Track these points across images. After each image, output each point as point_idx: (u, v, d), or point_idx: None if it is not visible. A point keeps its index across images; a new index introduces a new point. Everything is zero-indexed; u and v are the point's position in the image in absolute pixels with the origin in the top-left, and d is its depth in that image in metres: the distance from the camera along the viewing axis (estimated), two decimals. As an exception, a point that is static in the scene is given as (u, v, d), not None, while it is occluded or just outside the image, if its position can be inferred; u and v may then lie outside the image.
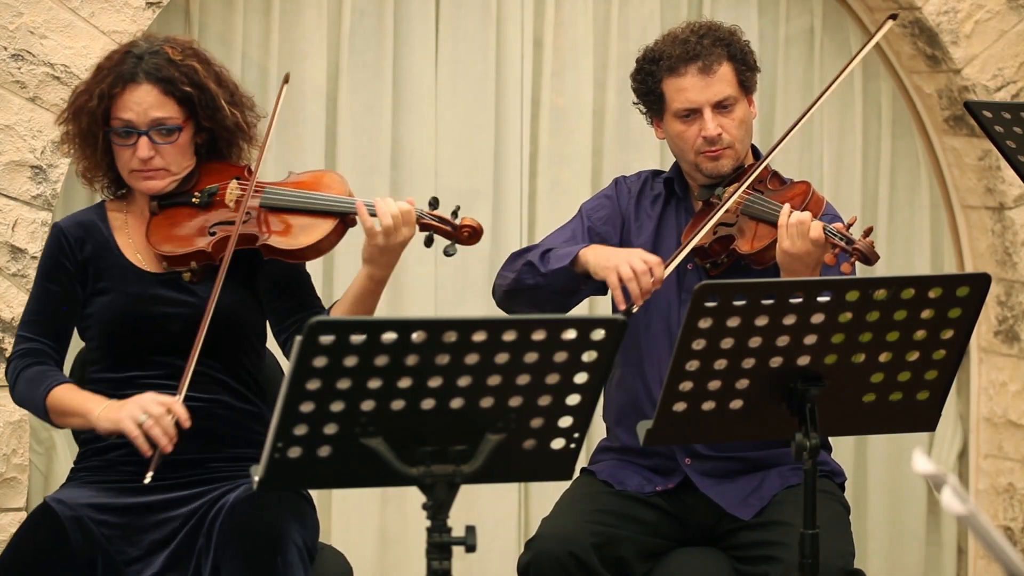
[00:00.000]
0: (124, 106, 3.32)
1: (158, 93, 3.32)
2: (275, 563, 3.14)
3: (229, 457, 3.31)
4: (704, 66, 3.59)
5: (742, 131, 3.62)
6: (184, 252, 3.34)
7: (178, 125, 3.34)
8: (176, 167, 3.37)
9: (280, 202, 3.37)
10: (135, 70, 3.32)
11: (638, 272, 3.44)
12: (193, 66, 3.36)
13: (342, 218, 3.35)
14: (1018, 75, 5.03)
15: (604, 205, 3.73)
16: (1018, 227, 5.07)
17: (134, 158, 3.33)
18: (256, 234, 3.34)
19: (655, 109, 3.68)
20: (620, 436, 3.67)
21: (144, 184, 3.36)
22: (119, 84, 3.32)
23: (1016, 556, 1.97)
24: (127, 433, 3.16)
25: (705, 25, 3.66)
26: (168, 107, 3.33)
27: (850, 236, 3.35)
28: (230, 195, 3.38)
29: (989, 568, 5.17)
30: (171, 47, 3.37)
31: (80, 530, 3.22)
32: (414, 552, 4.75)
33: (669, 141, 3.68)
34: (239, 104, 3.43)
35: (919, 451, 2.00)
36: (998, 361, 5.19)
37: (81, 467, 3.38)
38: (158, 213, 3.39)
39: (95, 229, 3.40)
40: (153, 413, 3.16)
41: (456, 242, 3.34)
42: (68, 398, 3.29)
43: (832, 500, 3.55)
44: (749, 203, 3.54)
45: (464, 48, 4.84)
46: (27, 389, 3.34)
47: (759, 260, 3.51)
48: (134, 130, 3.32)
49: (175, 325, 3.31)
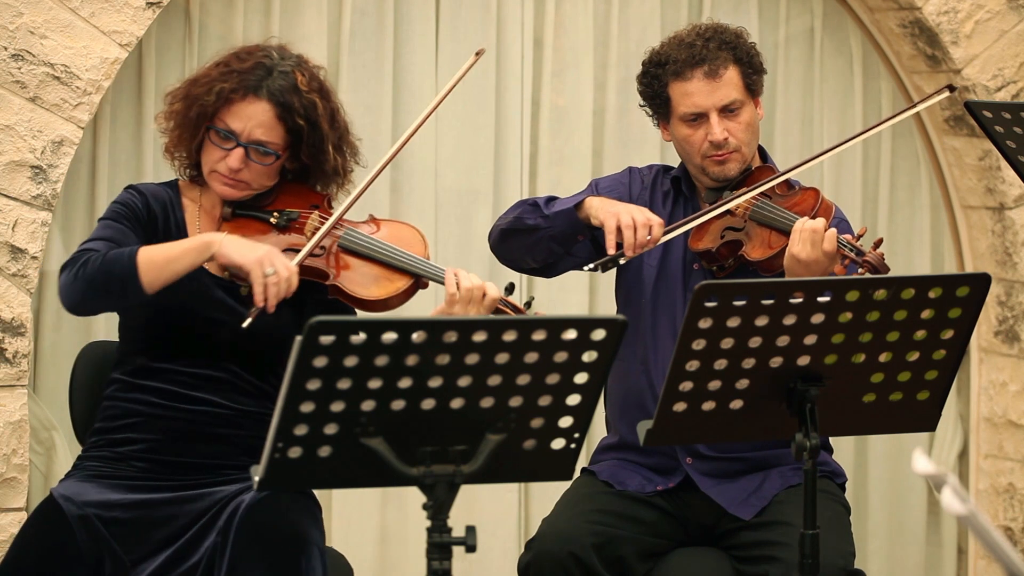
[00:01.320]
0: (235, 114, 3.29)
1: (273, 116, 3.30)
2: (299, 565, 3.14)
3: (242, 465, 3.29)
4: (710, 70, 3.58)
5: (748, 134, 3.62)
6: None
7: (277, 152, 3.32)
8: (257, 184, 3.35)
9: (360, 247, 3.36)
10: (260, 84, 3.29)
11: (638, 223, 3.45)
12: (314, 101, 3.33)
13: (418, 280, 3.36)
14: (1018, 75, 5.03)
15: (616, 188, 3.73)
16: (1018, 227, 5.07)
17: (222, 163, 3.31)
18: (326, 270, 3.32)
19: (661, 112, 3.67)
20: (621, 431, 3.67)
21: (221, 189, 3.34)
22: (240, 91, 3.29)
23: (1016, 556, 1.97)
24: (252, 275, 3.16)
25: (711, 28, 3.65)
26: (275, 132, 3.31)
27: (860, 248, 3.35)
28: (310, 225, 3.36)
29: (989, 568, 5.17)
30: (301, 73, 3.33)
31: (87, 529, 3.21)
32: (414, 552, 4.75)
33: (676, 144, 3.68)
34: (343, 149, 3.42)
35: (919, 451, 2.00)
36: (998, 361, 5.19)
37: (90, 456, 3.35)
38: (230, 219, 3.36)
39: (171, 209, 3.37)
40: (281, 274, 3.16)
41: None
42: (166, 245, 3.21)
43: (832, 500, 3.56)
44: (758, 209, 3.54)
45: (464, 48, 4.84)
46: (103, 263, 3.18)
47: (767, 267, 3.50)
48: (234, 139, 3.29)
49: (222, 333, 3.28)
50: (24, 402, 4.20)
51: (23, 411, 4.19)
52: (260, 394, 3.34)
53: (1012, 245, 5.09)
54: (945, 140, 5.19)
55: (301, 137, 3.32)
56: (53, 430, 4.34)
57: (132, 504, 3.25)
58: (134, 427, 3.30)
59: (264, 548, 3.15)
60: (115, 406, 3.34)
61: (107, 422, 3.34)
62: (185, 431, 3.29)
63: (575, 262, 3.67)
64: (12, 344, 4.17)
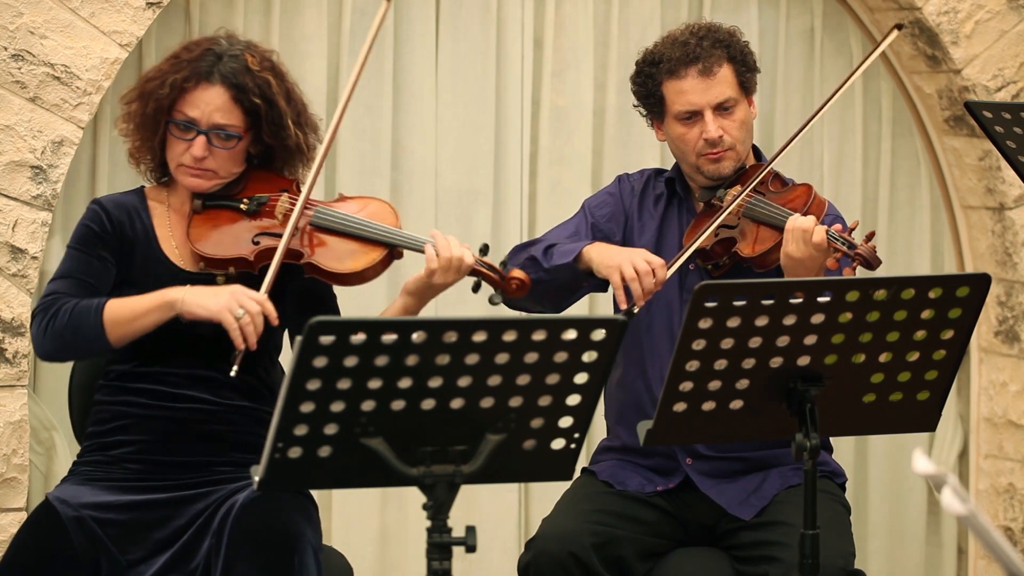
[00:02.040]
0: (191, 102, 3.31)
1: (228, 98, 3.32)
2: (292, 564, 3.14)
3: (236, 461, 3.30)
4: (704, 68, 3.59)
5: (743, 132, 3.62)
6: (225, 256, 3.32)
7: (238, 134, 3.34)
8: (225, 172, 3.36)
9: (331, 223, 3.37)
10: (211, 69, 3.32)
11: (641, 272, 3.44)
12: (268, 79, 3.35)
13: (391, 250, 3.37)
14: (1018, 75, 5.03)
15: (607, 202, 3.74)
16: (1018, 227, 5.07)
17: (187, 154, 3.32)
18: (301, 251, 3.33)
19: (655, 112, 3.68)
20: (621, 435, 3.68)
21: (189, 181, 3.35)
22: (193, 79, 3.31)
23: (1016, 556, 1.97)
24: (224, 323, 3.16)
25: (704, 27, 3.66)
26: (233, 114, 3.33)
27: (852, 241, 3.36)
28: (280, 207, 3.38)
29: (989, 568, 5.17)
30: (251, 55, 3.36)
31: (82, 530, 3.21)
32: (414, 552, 4.75)
33: (670, 143, 3.68)
34: (303, 125, 3.43)
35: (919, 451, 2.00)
36: (998, 361, 5.19)
37: (84, 461, 3.36)
38: (201, 212, 3.38)
39: (137, 215, 3.38)
40: (251, 310, 3.16)
41: (504, 292, 3.38)
42: (131, 301, 3.23)
43: (832, 500, 3.56)
44: (751, 206, 3.54)
45: (464, 48, 4.84)
46: (70, 318, 3.23)
47: (761, 263, 3.51)
48: (194, 127, 3.31)
49: (202, 328, 3.27)
50: (24, 402, 4.20)
51: (23, 411, 4.19)
52: (247, 389, 3.35)
53: (1012, 245, 5.09)
54: (945, 140, 5.19)
55: (260, 116, 3.34)
56: (53, 430, 4.34)
57: (127, 506, 3.25)
58: (125, 429, 3.31)
59: (257, 548, 3.15)
60: (105, 409, 3.34)
61: (98, 426, 3.35)
62: (175, 430, 3.29)
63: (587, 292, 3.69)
64: (12, 344, 4.17)
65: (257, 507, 3.19)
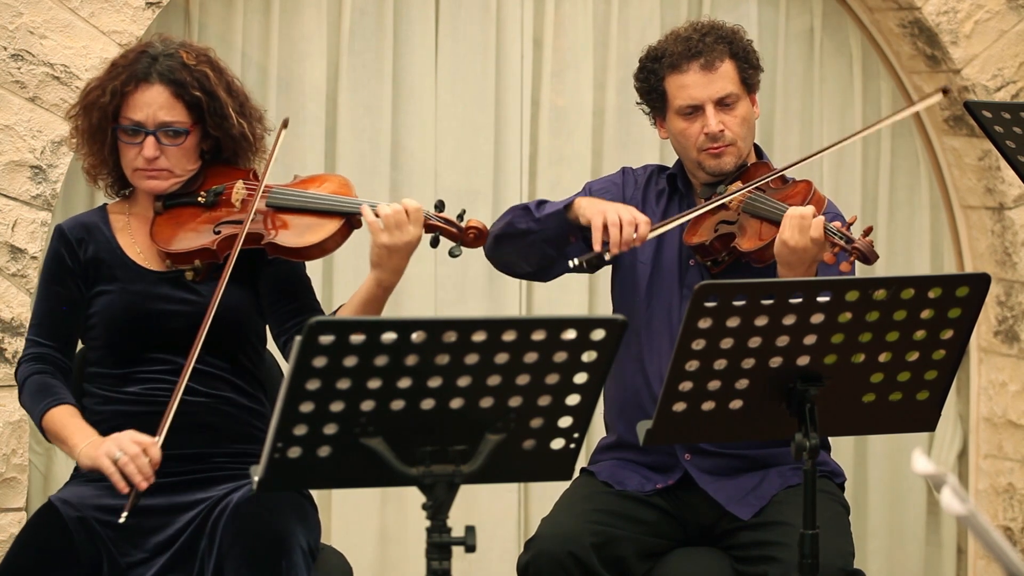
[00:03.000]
0: (134, 105, 3.35)
1: (168, 95, 3.35)
2: (280, 566, 3.14)
3: (231, 452, 3.33)
4: (706, 63, 3.59)
5: (744, 128, 3.62)
6: (188, 249, 3.35)
7: (185, 129, 3.37)
8: (180, 169, 3.39)
9: (286, 201, 3.39)
10: (148, 70, 3.36)
11: (624, 221, 3.45)
12: (205, 72, 3.39)
13: (348, 218, 3.36)
14: (1018, 75, 5.03)
15: (610, 190, 3.74)
16: (1018, 227, 5.07)
17: (139, 157, 3.36)
18: (262, 233, 3.36)
19: (658, 107, 3.68)
20: (620, 431, 3.67)
21: (147, 183, 3.39)
22: (131, 83, 3.35)
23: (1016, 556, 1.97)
24: (104, 470, 3.19)
25: (708, 24, 3.67)
26: (177, 111, 3.36)
27: (850, 235, 3.35)
28: (236, 195, 3.41)
29: (989, 568, 5.17)
30: (186, 52, 3.40)
31: (85, 531, 3.22)
32: (414, 552, 4.75)
33: (672, 139, 3.69)
34: (247, 115, 3.46)
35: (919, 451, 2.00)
36: (998, 361, 5.19)
37: None
38: (163, 213, 3.41)
39: (96, 229, 3.42)
40: (128, 452, 3.18)
41: (462, 244, 3.37)
42: (61, 424, 3.32)
43: (832, 500, 3.56)
44: (751, 201, 3.55)
45: (464, 48, 4.84)
46: (29, 400, 3.38)
47: (759, 258, 3.51)
48: (142, 129, 3.35)
49: (177, 322, 3.33)
50: (24, 402, 4.20)
51: (23, 411, 4.19)
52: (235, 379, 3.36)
53: (1012, 245, 5.09)
54: (945, 140, 5.19)
55: (202, 108, 3.37)
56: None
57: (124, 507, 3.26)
58: (118, 428, 3.31)
59: (246, 549, 3.16)
60: (96, 412, 3.36)
61: (93, 427, 3.35)
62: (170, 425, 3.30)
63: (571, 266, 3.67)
64: (12, 344, 4.17)
65: (248, 509, 3.20)
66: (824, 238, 3.34)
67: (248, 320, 3.39)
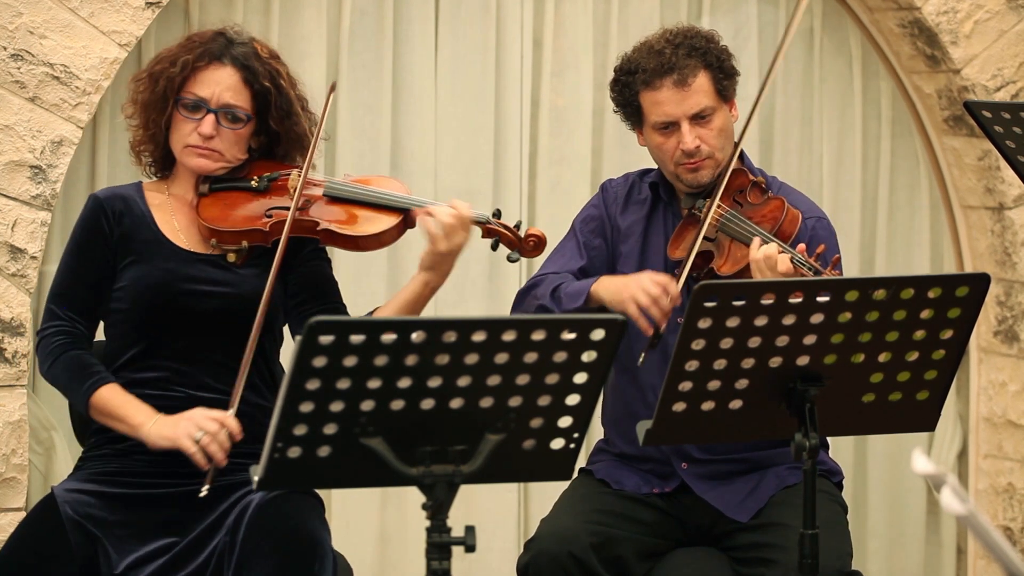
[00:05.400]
0: (203, 81, 3.35)
1: (239, 79, 3.37)
2: (313, 567, 3.14)
3: (243, 452, 3.29)
4: (679, 79, 3.56)
5: (721, 140, 3.60)
6: (240, 229, 3.33)
7: (247, 115, 3.37)
8: (230, 154, 3.39)
9: (343, 193, 3.40)
10: (224, 51, 3.38)
11: (655, 296, 3.42)
12: (277, 68, 3.41)
13: (405, 215, 3.38)
14: (1018, 75, 5.03)
15: (592, 216, 3.74)
16: (1018, 227, 5.07)
17: (194, 133, 3.35)
18: (317, 220, 3.35)
19: (634, 119, 3.68)
20: (617, 442, 3.68)
21: (195, 161, 3.37)
22: (205, 58, 3.36)
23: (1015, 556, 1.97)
24: (185, 450, 3.18)
25: (681, 32, 3.62)
26: (243, 96, 3.37)
27: (817, 266, 3.34)
28: (292, 182, 3.40)
29: (989, 568, 5.17)
30: (259, 44, 3.43)
31: (79, 530, 3.21)
32: (414, 552, 4.75)
33: (650, 151, 3.68)
34: (309, 115, 3.48)
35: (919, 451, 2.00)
36: (998, 361, 5.19)
37: (91, 457, 3.36)
38: (208, 195, 3.39)
39: (133, 203, 3.40)
40: (209, 430, 3.18)
41: (520, 252, 3.41)
42: (116, 403, 3.28)
43: (830, 500, 3.55)
44: (726, 220, 3.52)
45: (464, 48, 4.84)
46: (67, 378, 3.32)
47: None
48: (204, 105, 3.35)
49: (207, 304, 3.30)
50: (24, 402, 4.20)
51: (23, 411, 4.19)
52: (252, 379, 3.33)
53: (1011, 245, 5.09)
54: (944, 140, 5.19)
55: (268, 101, 3.38)
56: (52, 430, 4.34)
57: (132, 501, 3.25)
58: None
59: (275, 547, 3.15)
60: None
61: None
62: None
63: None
64: (12, 344, 4.17)
65: (277, 507, 3.19)
66: (793, 270, 3.34)
67: (276, 312, 3.38)
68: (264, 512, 3.18)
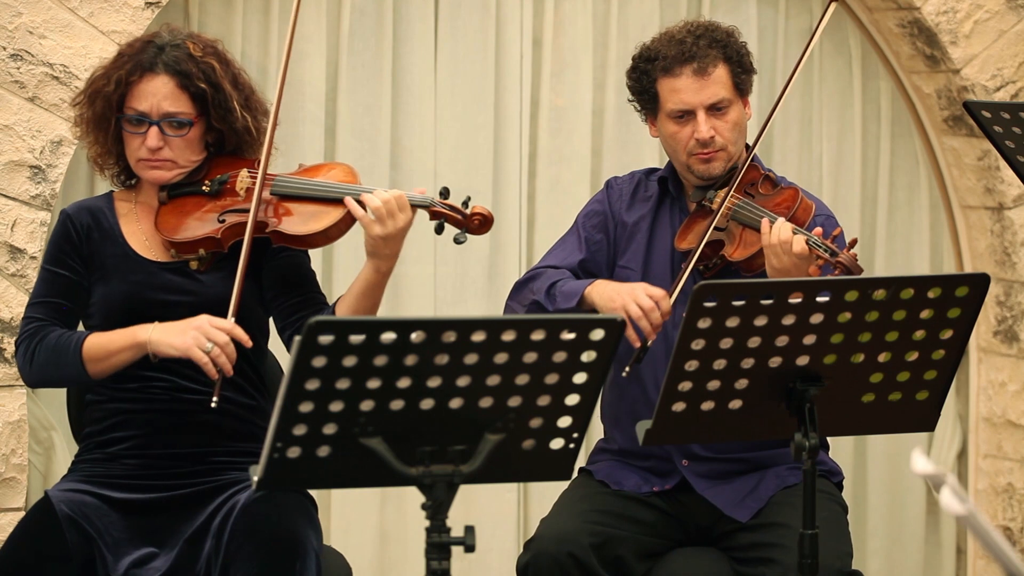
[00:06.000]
0: (139, 95, 3.35)
1: (173, 86, 3.35)
2: (294, 567, 3.14)
3: (230, 451, 3.32)
4: (699, 68, 3.59)
5: (735, 133, 3.62)
6: (193, 238, 3.34)
7: (189, 120, 3.36)
8: (183, 160, 3.39)
9: (290, 189, 3.38)
10: (154, 60, 3.35)
11: (646, 309, 3.43)
12: (212, 64, 3.38)
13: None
14: (1017, 75, 5.03)
15: (596, 212, 3.74)
16: (1017, 227, 5.07)
17: (143, 147, 3.35)
18: (266, 221, 3.35)
19: (649, 108, 3.68)
20: (617, 439, 3.68)
21: (150, 173, 3.38)
22: (137, 72, 3.35)
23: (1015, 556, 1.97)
24: (195, 359, 3.19)
25: (702, 25, 3.66)
26: (181, 102, 3.35)
27: (834, 248, 3.35)
28: (240, 183, 3.40)
29: (988, 568, 5.17)
30: (193, 43, 3.40)
31: (77, 530, 3.22)
32: (413, 552, 4.75)
33: (662, 140, 3.69)
34: (252, 109, 3.45)
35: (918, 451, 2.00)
36: (997, 361, 5.19)
37: (83, 460, 3.37)
38: (167, 203, 3.41)
39: (101, 216, 3.41)
40: (219, 341, 3.19)
41: (467, 230, 3.37)
42: (107, 338, 3.28)
43: (830, 500, 3.55)
44: (739, 208, 3.54)
45: (464, 48, 4.84)
46: (52, 353, 3.31)
47: (748, 267, 3.51)
48: (146, 119, 3.34)
49: (178, 313, 3.30)
50: (23, 402, 4.20)
51: (22, 411, 4.19)
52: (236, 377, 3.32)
53: (1011, 245, 5.09)
54: (944, 140, 5.19)
55: (207, 100, 3.37)
56: (52, 430, 4.34)
57: (125, 506, 3.26)
58: (120, 426, 3.32)
59: (257, 548, 3.15)
60: (99, 409, 3.36)
61: (95, 425, 3.37)
62: (170, 423, 3.31)
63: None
64: (11, 344, 4.17)
65: (259, 508, 3.19)
66: (808, 252, 3.35)
67: (252, 312, 3.38)
68: (248, 513, 3.19)
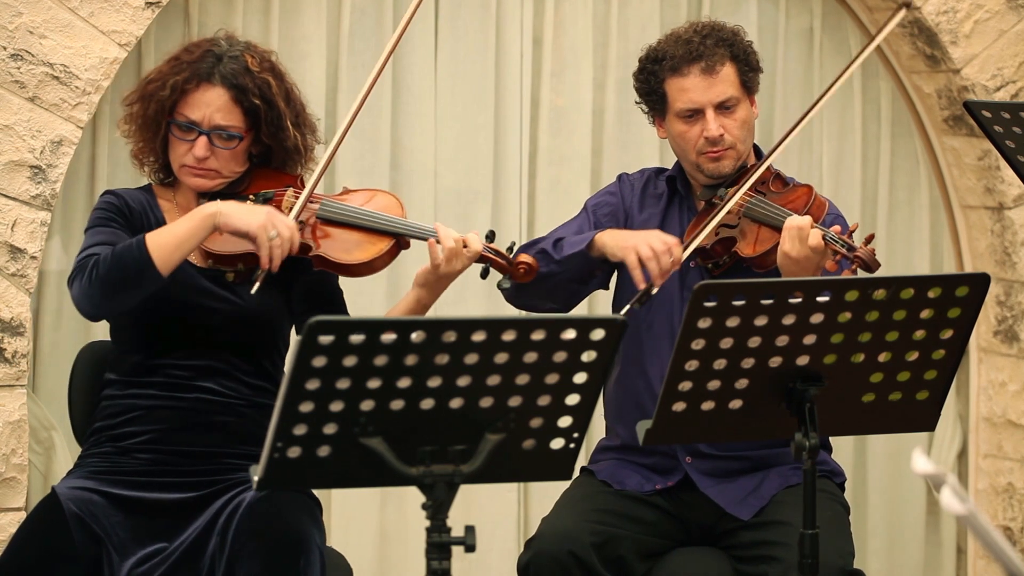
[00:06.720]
0: (192, 103, 3.34)
1: (228, 99, 3.35)
2: (297, 565, 3.14)
3: (241, 454, 3.31)
4: (707, 66, 3.59)
5: (744, 131, 3.63)
6: (234, 253, 3.33)
7: (239, 134, 3.36)
8: (227, 171, 3.39)
9: (338, 216, 3.39)
10: (212, 70, 3.35)
11: (658, 252, 3.44)
12: (268, 80, 3.38)
13: (398, 240, 3.39)
14: (1017, 75, 5.03)
15: (607, 202, 3.74)
16: (1017, 227, 5.07)
17: (189, 154, 3.35)
18: (309, 244, 3.35)
19: (657, 109, 3.68)
20: (621, 434, 3.68)
21: (193, 181, 3.39)
22: (194, 80, 3.34)
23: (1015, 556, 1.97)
24: (258, 240, 3.20)
25: (708, 25, 3.66)
26: (234, 115, 3.35)
27: (851, 243, 3.35)
28: (287, 202, 3.40)
29: (989, 568, 5.17)
30: (251, 55, 3.39)
31: (83, 528, 3.22)
32: (414, 552, 4.75)
33: (671, 141, 3.69)
34: (302, 126, 3.47)
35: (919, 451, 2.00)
36: (997, 361, 5.19)
37: (91, 454, 3.36)
38: None
39: (150, 208, 3.41)
40: (283, 234, 3.21)
41: (511, 277, 3.41)
42: (170, 227, 3.25)
43: (832, 500, 3.56)
44: (751, 206, 3.55)
45: (464, 48, 4.84)
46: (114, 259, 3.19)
47: (760, 264, 3.51)
48: (196, 128, 3.34)
49: (213, 320, 3.32)
50: (23, 402, 4.20)
51: (22, 411, 4.19)
52: (256, 381, 3.35)
53: (1011, 245, 5.09)
54: (944, 140, 5.19)
55: (260, 116, 3.37)
56: (52, 430, 4.34)
57: (134, 505, 3.25)
58: (135, 420, 3.32)
59: (261, 546, 3.15)
60: (114, 404, 3.35)
61: (107, 420, 3.36)
62: (185, 421, 3.31)
63: (598, 286, 3.69)
64: (11, 344, 4.17)
65: (264, 506, 3.20)
66: (824, 246, 3.35)
67: (278, 324, 3.39)
68: (252, 512, 3.19)
